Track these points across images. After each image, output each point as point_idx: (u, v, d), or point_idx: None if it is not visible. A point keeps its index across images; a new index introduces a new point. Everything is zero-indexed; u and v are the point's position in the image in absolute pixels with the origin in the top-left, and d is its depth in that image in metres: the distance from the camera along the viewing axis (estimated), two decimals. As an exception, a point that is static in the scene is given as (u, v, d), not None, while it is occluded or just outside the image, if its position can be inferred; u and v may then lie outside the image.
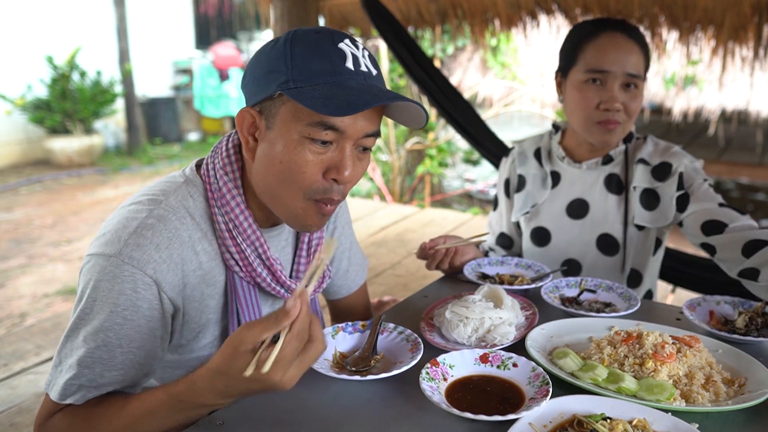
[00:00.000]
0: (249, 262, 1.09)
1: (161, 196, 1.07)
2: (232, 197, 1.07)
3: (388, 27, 3.25)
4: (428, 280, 3.09)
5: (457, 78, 7.21)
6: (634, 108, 1.58)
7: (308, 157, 0.98)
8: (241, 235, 1.08)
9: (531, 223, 1.77)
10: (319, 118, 0.96)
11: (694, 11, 3.13)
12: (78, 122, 8.31)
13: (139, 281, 0.99)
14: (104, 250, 1.00)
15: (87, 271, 1.01)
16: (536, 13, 3.57)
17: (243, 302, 1.12)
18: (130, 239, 0.99)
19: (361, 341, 1.17)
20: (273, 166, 1.01)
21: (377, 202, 6.07)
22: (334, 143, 1.00)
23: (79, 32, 8.66)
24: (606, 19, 1.61)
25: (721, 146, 7.05)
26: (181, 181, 1.10)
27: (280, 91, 0.96)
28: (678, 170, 1.59)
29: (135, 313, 0.99)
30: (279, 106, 0.98)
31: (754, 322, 1.25)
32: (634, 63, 1.55)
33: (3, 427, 2.28)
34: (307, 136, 0.97)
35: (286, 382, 0.83)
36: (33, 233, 5.44)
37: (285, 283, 1.15)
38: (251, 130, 1.03)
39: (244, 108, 1.03)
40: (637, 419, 0.89)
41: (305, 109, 0.95)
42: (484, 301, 1.24)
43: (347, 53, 0.98)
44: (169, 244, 1.02)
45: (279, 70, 0.97)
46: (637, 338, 1.10)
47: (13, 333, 3.17)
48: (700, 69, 6.28)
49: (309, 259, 1.23)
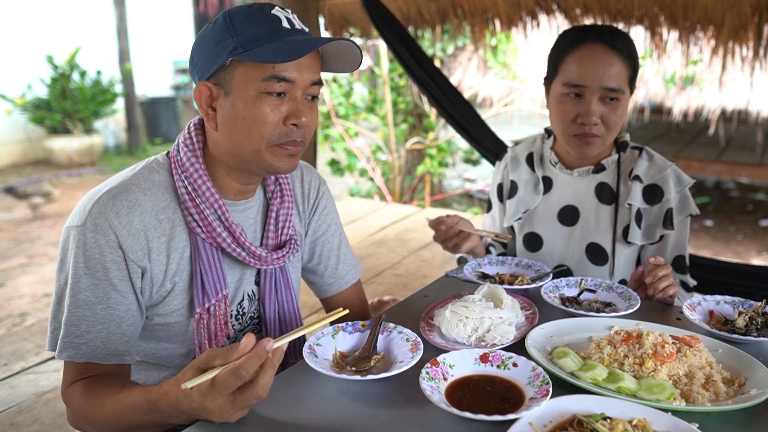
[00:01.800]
0: (209, 222, 1.17)
1: (129, 173, 1.19)
2: (191, 164, 1.18)
3: (388, 27, 3.25)
4: (428, 280, 3.09)
5: (457, 78, 7.21)
6: (613, 121, 1.55)
7: (266, 109, 1.11)
8: (200, 197, 1.17)
9: (524, 228, 1.77)
10: (271, 72, 1.09)
11: (694, 11, 3.13)
12: (78, 122, 8.32)
13: (104, 246, 1.10)
14: (72, 222, 1.13)
15: (62, 243, 1.14)
16: (536, 13, 3.58)
17: (206, 264, 1.19)
18: (94, 209, 1.11)
19: (361, 341, 1.17)
20: (237, 125, 1.12)
21: (377, 202, 6.07)
22: (287, 94, 1.12)
23: (79, 32, 8.67)
24: (590, 28, 1.56)
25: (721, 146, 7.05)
26: (150, 161, 1.22)
27: (232, 57, 1.08)
28: (667, 204, 1.61)
29: (106, 273, 1.10)
30: (232, 72, 1.10)
31: (754, 322, 1.25)
32: (614, 76, 1.51)
33: (3, 426, 2.28)
34: (263, 91, 1.10)
35: (215, 411, 0.88)
36: (33, 233, 5.44)
37: (248, 248, 1.22)
38: (209, 102, 1.15)
39: (199, 83, 1.14)
40: (637, 419, 0.89)
41: (258, 68, 1.09)
42: (484, 301, 1.24)
43: (281, 17, 1.12)
44: (129, 212, 1.12)
45: (225, 40, 1.09)
46: (637, 338, 1.10)
47: (13, 333, 3.17)
48: (700, 69, 6.28)
49: (277, 233, 1.30)
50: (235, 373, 0.85)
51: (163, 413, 0.95)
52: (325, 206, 1.45)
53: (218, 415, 0.89)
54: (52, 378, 2.63)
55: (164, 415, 0.96)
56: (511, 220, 1.78)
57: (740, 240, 5.78)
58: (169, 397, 0.92)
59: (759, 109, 6.24)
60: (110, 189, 1.13)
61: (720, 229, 6.11)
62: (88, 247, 1.09)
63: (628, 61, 1.54)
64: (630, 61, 1.55)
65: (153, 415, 0.97)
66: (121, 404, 1.01)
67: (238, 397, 0.88)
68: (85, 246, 1.09)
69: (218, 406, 0.88)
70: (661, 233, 1.61)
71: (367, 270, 3.92)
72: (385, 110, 6.62)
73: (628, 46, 1.55)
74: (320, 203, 1.44)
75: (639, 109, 7.47)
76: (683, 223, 1.63)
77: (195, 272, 1.18)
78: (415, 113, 6.92)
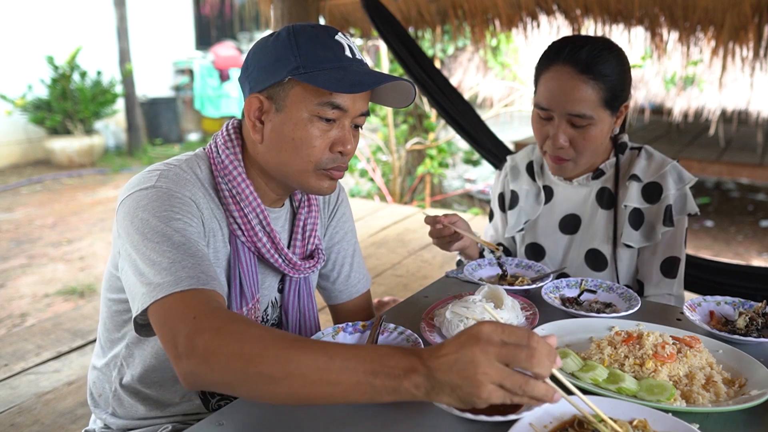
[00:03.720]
0: (251, 226, 1.18)
1: (174, 162, 1.17)
2: (234, 167, 1.17)
3: (389, 27, 3.25)
4: (428, 281, 3.08)
5: (457, 78, 7.21)
6: (583, 145, 1.50)
7: (316, 133, 1.11)
8: (243, 201, 1.17)
9: (526, 238, 1.75)
10: (328, 99, 1.09)
11: (694, 11, 3.13)
12: (78, 122, 8.31)
13: (182, 197, 1.08)
14: (139, 186, 1.08)
15: (129, 207, 1.05)
16: (536, 14, 3.58)
17: (245, 267, 1.19)
18: (158, 181, 1.08)
19: (362, 341, 1.17)
20: (285, 143, 1.12)
21: (377, 203, 6.07)
22: (337, 121, 1.13)
23: (79, 32, 8.66)
24: (565, 46, 1.48)
25: (721, 146, 7.04)
26: (190, 155, 1.21)
27: (291, 76, 1.07)
28: (666, 201, 1.56)
29: (184, 215, 1.06)
30: (288, 90, 1.10)
31: (755, 323, 1.25)
32: (580, 101, 1.44)
33: (3, 427, 2.28)
34: (315, 114, 1.10)
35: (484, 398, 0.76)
36: (33, 233, 5.44)
37: (284, 253, 1.23)
38: (258, 114, 1.14)
39: (252, 94, 1.13)
40: (638, 419, 0.89)
41: (314, 91, 1.08)
42: (484, 302, 1.24)
43: (344, 44, 1.12)
44: (192, 187, 1.12)
45: (287, 58, 1.08)
46: (638, 338, 1.10)
47: (13, 333, 3.16)
48: (701, 69, 6.28)
49: (304, 242, 1.31)
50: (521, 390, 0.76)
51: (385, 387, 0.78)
52: (343, 213, 1.45)
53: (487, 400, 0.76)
54: (52, 378, 2.63)
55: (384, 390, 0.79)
56: (513, 231, 1.76)
57: (741, 241, 5.78)
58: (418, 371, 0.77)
59: (759, 109, 6.23)
60: (166, 170, 1.12)
61: (720, 229, 6.11)
62: (167, 197, 1.05)
63: (602, 83, 1.45)
64: (604, 83, 1.45)
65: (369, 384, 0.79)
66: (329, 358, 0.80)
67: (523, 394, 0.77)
68: (162, 196, 1.05)
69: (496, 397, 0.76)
70: (662, 231, 1.57)
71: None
72: (385, 111, 6.62)
73: (605, 67, 1.45)
74: (339, 209, 1.44)
75: (639, 110, 7.46)
76: (680, 223, 1.58)
77: (234, 275, 1.18)
78: (416, 114, 6.93)
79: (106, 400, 1.28)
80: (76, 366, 2.73)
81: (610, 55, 1.47)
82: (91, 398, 1.32)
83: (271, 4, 3.36)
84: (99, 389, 1.30)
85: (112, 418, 1.27)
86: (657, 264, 1.59)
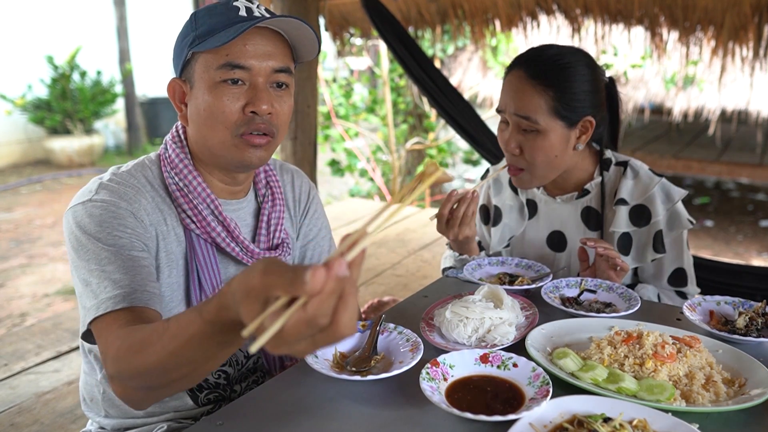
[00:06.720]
0: (203, 217, 1.18)
1: (123, 167, 1.21)
2: (180, 160, 1.19)
3: (388, 27, 3.25)
4: (428, 280, 3.08)
5: (457, 78, 7.21)
6: (532, 154, 1.48)
7: (225, 98, 1.11)
8: (191, 193, 1.18)
9: (514, 252, 1.75)
10: (225, 60, 1.09)
11: (694, 11, 3.13)
12: (78, 122, 8.31)
13: (116, 210, 1.09)
14: (77, 201, 1.11)
15: (67, 223, 1.10)
16: (536, 14, 3.58)
17: (201, 259, 1.19)
18: (96, 193, 1.11)
19: (361, 341, 1.17)
20: (200, 116, 1.13)
21: (377, 203, 6.07)
22: (247, 82, 1.12)
23: (79, 32, 8.66)
24: (526, 53, 1.51)
25: (721, 146, 7.05)
26: (141, 159, 1.24)
27: (190, 50, 1.12)
28: (656, 227, 1.55)
29: (120, 231, 1.08)
30: (193, 65, 1.13)
31: (755, 323, 1.25)
32: (526, 104, 1.45)
33: (3, 427, 2.28)
34: (219, 79, 1.10)
35: (287, 352, 0.66)
36: (33, 233, 5.44)
37: (242, 242, 1.22)
38: (181, 98, 1.18)
39: (171, 80, 1.18)
40: (637, 419, 0.89)
41: (212, 57, 1.10)
42: (484, 301, 1.24)
43: (241, 6, 1.12)
44: (135, 194, 1.13)
45: (188, 35, 1.13)
46: (638, 338, 1.10)
47: (13, 333, 3.17)
48: (700, 69, 6.28)
49: (269, 236, 1.30)
50: (310, 324, 0.61)
51: (228, 331, 0.76)
52: (315, 210, 1.46)
53: (297, 354, 0.67)
54: (52, 378, 2.63)
55: (231, 335, 0.77)
56: (498, 247, 1.75)
57: (740, 240, 5.78)
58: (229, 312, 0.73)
59: (759, 109, 6.24)
60: (109, 180, 1.14)
61: (720, 229, 6.11)
62: (102, 209, 1.08)
63: (552, 93, 1.44)
64: (555, 93, 1.44)
65: (217, 338, 0.79)
66: (176, 338, 0.83)
67: (319, 340, 0.65)
68: (95, 211, 1.08)
69: (294, 352, 0.66)
70: (653, 257, 1.58)
71: (367, 270, 3.92)
72: (385, 111, 6.62)
73: (559, 77, 1.44)
74: (311, 207, 1.45)
75: (639, 110, 7.46)
76: (678, 238, 1.58)
77: (191, 269, 1.18)
78: (415, 114, 6.93)
79: (97, 403, 1.27)
80: (76, 366, 2.73)
81: (571, 68, 1.46)
82: (84, 402, 1.31)
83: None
84: (90, 393, 1.29)
85: (105, 419, 1.27)
86: (665, 278, 1.61)
